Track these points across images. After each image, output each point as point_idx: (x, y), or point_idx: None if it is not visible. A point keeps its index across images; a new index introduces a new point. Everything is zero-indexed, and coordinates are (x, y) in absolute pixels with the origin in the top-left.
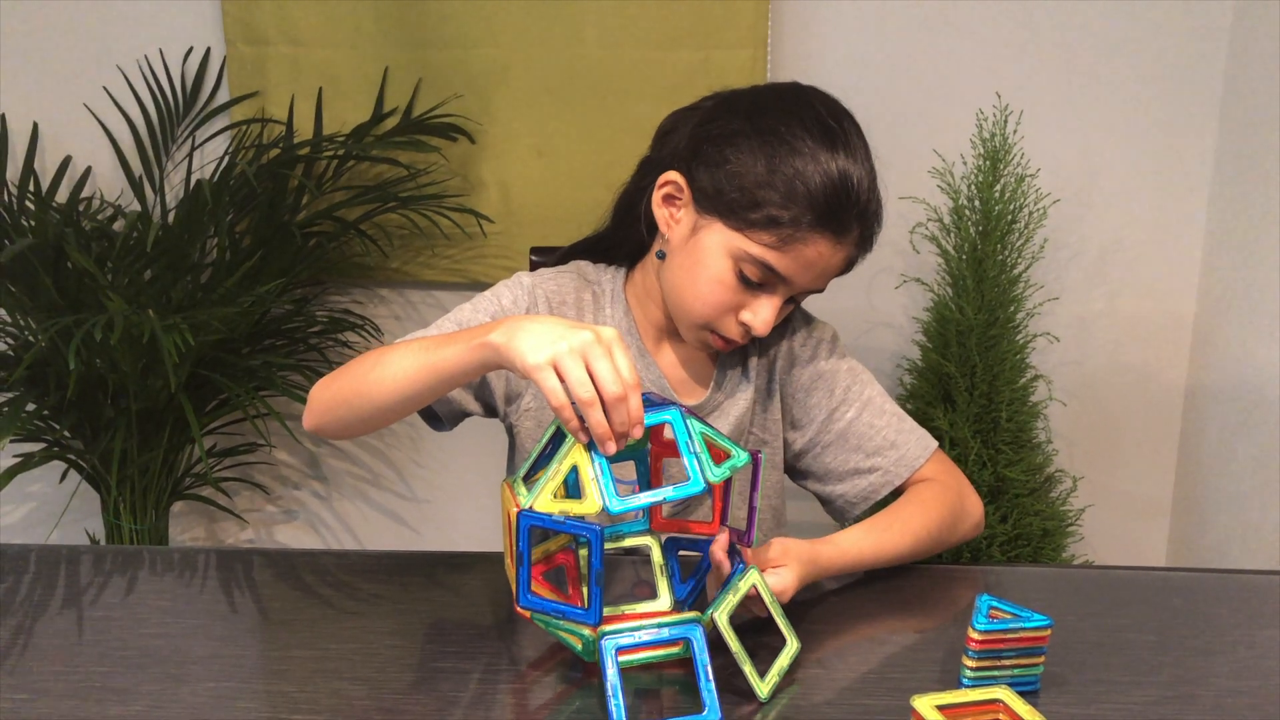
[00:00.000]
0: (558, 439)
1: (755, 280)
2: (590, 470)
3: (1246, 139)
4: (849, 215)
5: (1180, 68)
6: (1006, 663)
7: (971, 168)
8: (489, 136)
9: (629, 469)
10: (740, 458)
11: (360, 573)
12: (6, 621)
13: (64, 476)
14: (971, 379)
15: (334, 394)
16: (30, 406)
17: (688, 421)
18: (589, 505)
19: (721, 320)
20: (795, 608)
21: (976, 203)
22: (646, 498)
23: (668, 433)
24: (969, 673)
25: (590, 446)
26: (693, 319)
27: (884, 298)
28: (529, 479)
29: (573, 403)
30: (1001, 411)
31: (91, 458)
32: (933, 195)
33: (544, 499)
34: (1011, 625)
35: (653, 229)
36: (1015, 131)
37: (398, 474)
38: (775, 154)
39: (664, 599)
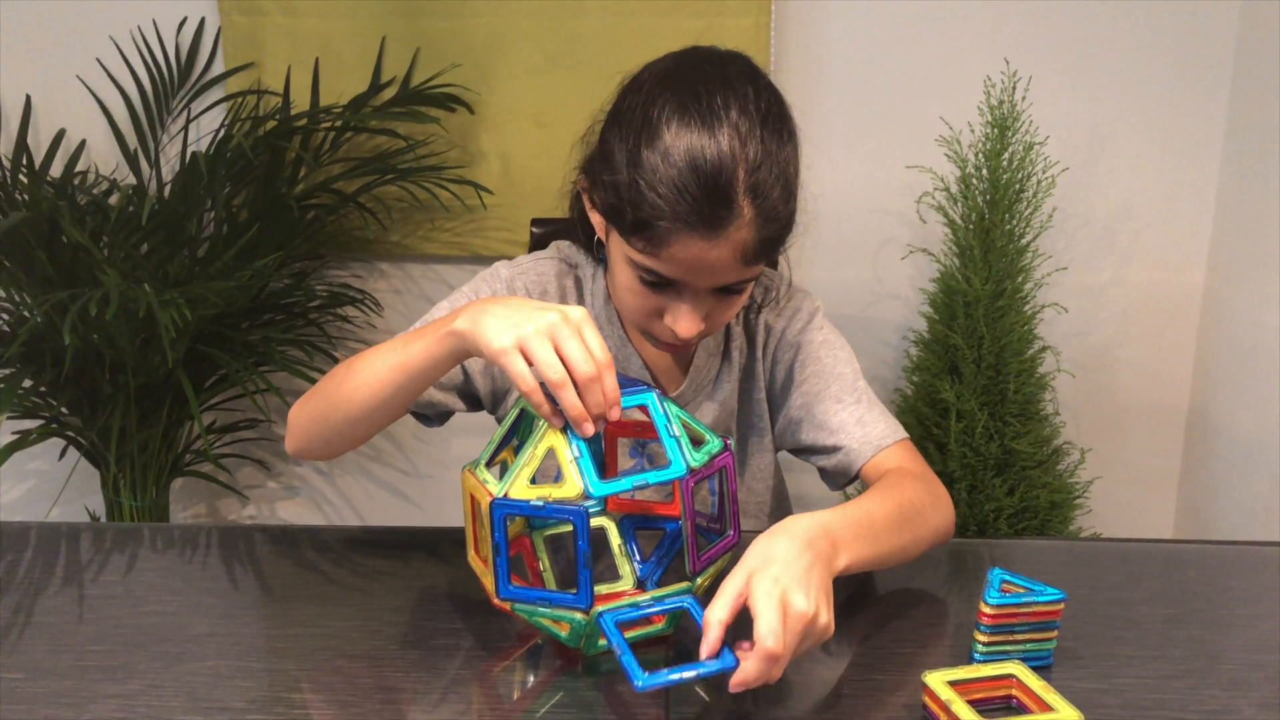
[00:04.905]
0: (519, 423)
1: (655, 284)
2: (568, 453)
3: (1258, 105)
4: (714, 205)
5: (1191, 32)
6: (1019, 637)
7: (979, 135)
8: (488, 107)
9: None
10: (715, 443)
11: (362, 549)
12: (5, 600)
13: (63, 453)
14: (979, 351)
15: (310, 413)
16: (27, 383)
17: (664, 404)
18: (569, 489)
19: (649, 325)
20: None
21: (984, 171)
22: (628, 481)
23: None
24: (981, 648)
25: (566, 428)
26: (629, 324)
27: (890, 269)
28: (491, 464)
29: (544, 386)
30: (1009, 383)
31: (90, 434)
32: (939, 164)
33: (519, 486)
34: (1024, 599)
35: (588, 227)
36: (1024, 98)
37: (400, 449)
38: (636, 150)
39: (627, 580)
